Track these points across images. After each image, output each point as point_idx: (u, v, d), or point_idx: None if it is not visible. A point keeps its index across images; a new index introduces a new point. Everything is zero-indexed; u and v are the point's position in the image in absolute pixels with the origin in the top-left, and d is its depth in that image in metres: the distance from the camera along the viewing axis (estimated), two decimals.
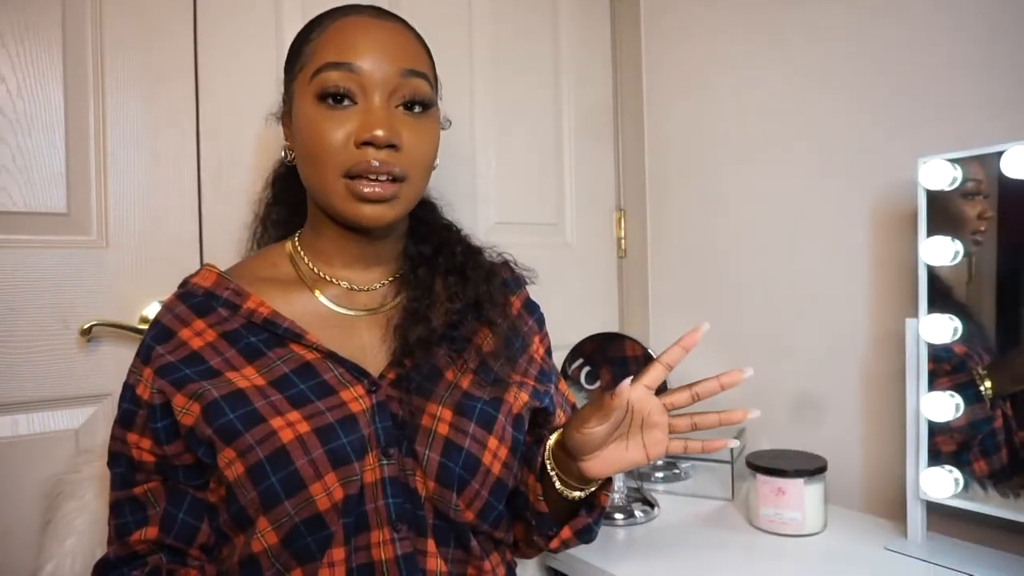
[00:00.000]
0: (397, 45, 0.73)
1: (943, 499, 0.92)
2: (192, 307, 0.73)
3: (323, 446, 0.66)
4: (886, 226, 1.10)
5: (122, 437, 0.71)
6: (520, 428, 0.76)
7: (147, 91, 1.00)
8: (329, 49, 0.71)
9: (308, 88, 0.71)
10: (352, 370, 0.71)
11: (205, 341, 0.71)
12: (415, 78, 0.72)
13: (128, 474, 0.71)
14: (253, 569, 0.67)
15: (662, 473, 1.24)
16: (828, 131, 1.17)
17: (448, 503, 0.70)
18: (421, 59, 0.75)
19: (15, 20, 0.91)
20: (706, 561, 0.94)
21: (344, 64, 0.70)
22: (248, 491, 0.65)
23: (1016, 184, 0.86)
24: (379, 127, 0.69)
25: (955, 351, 0.92)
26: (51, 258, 0.94)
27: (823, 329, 1.19)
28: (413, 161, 0.72)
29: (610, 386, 1.16)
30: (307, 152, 0.72)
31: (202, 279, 0.75)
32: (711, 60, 1.37)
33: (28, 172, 0.92)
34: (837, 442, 1.15)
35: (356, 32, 0.72)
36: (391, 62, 0.71)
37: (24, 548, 0.89)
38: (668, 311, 1.47)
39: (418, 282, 0.78)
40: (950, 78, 1.02)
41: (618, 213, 1.53)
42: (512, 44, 1.37)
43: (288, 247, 0.81)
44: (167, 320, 0.73)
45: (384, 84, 0.71)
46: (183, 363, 0.70)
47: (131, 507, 0.70)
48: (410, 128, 0.72)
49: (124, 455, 0.71)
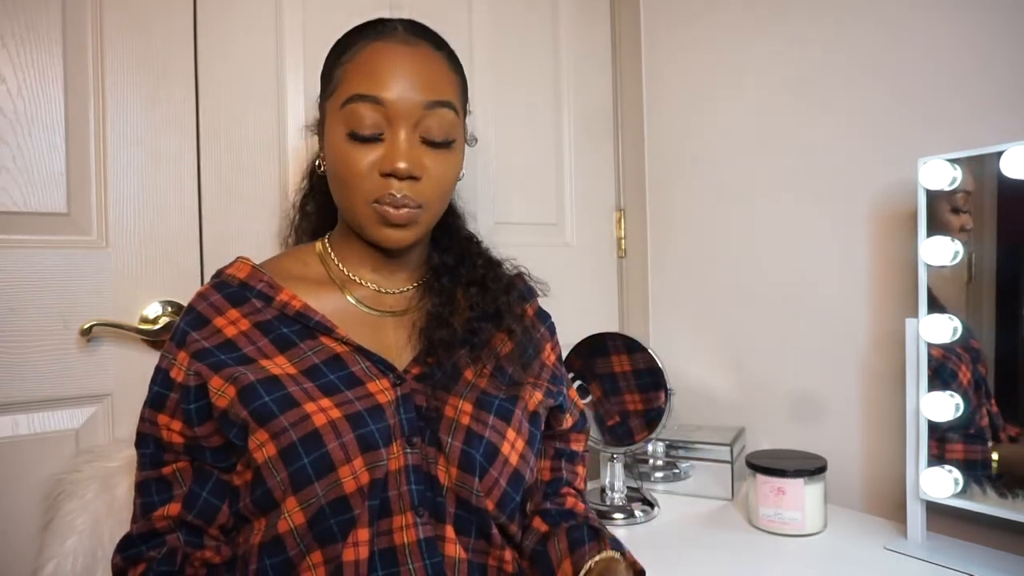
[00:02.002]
0: (424, 74, 0.76)
1: (943, 499, 0.92)
2: (226, 296, 0.76)
3: (353, 431, 0.69)
4: (886, 226, 1.10)
5: (152, 419, 0.73)
6: (536, 424, 0.81)
7: (147, 91, 1.00)
8: (359, 79, 0.74)
9: (338, 115, 0.75)
10: (379, 364, 0.75)
11: (239, 330, 0.74)
12: (440, 108, 0.76)
13: (157, 454, 0.73)
14: (277, 550, 0.69)
15: (662, 473, 1.24)
16: (828, 131, 1.17)
17: (470, 489, 0.72)
18: (448, 86, 0.78)
19: (15, 20, 0.91)
20: (706, 561, 0.94)
21: (371, 97, 0.73)
22: (279, 471, 0.67)
23: (1016, 184, 0.86)
24: (401, 160, 0.73)
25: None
26: (51, 258, 0.94)
27: (823, 329, 1.19)
28: (432, 190, 0.76)
29: (601, 401, 1.17)
30: (337, 177, 0.77)
31: (236, 270, 0.78)
32: (711, 60, 1.37)
33: (28, 172, 0.92)
34: (837, 442, 1.15)
35: (384, 62, 0.74)
36: (417, 93, 0.74)
37: (24, 548, 0.89)
38: (668, 311, 1.47)
39: (442, 290, 0.83)
40: (950, 79, 1.02)
41: (618, 213, 1.53)
42: (512, 44, 1.37)
43: (318, 247, 0.85)
44: (202, 307, 0.75)
45: (409, 116, 0.74)
46: (218, 349, 0.72)
47: (158, 486, 0.73)
48: (433, 159, 0.76)
49: (153, 436, 0.73)
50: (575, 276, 1.46)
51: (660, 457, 1.25)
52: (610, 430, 1.15)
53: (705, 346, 1.39)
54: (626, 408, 1.15)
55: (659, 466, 1.25)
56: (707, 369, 1.38)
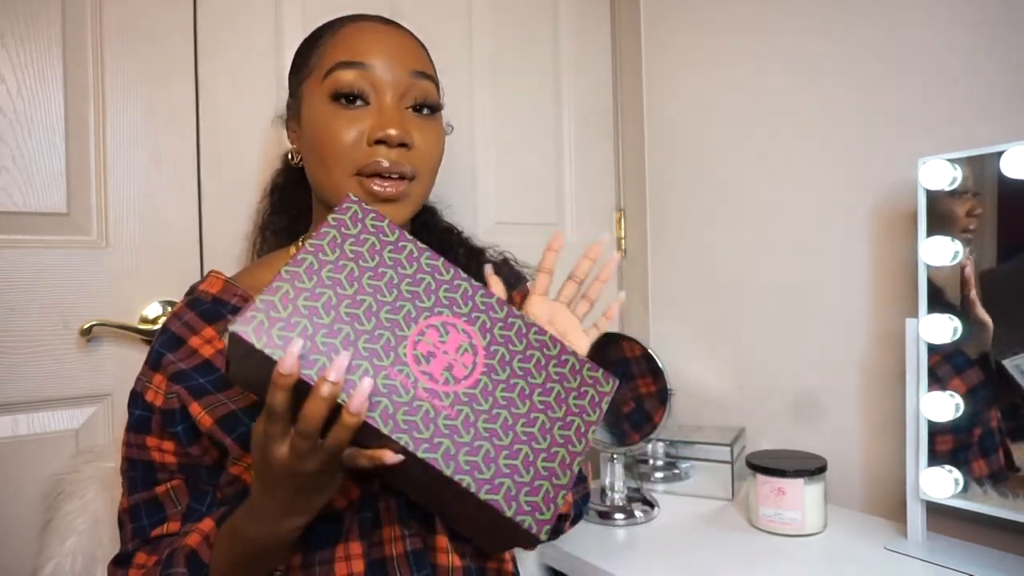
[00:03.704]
0: (406, 48, 0.75)
1: (943, 499, 0.92)
2: (200, 314, 0.74)
3: None
4: (886, 226, 1.10)
5: (139, 443, 0.71)
6: None
7: (147, 91, 1.00)
8: (342, 49, 0.73)
9: (320, 87, 0.73)
10: None
11: (215, 348, 0.71)
12: (424, 80, 0.75)
13: (149, 475, 0.71)
14: None
15: (662, 473, 1.24)
16: (828, 131, 1.17)
17: None
18: (428, 63, 0.78)
19: (15, 20, 0.91)
20: (706, 561, 0.94)
21: (357, 63, 0.71)
22: None
23: (1016, 184, 0.86)
24: (392, 126, 0.70)
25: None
26: (51, 258, 0.94)
27: (823, 329, 1.19)
28: (423, 159, 0.74)
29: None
30: (317, 151, 0.73)
31: (209, 286, 0.76)
32: (711, 61, 1.37)
33: (28, 172, 0.92)
34: (837, 442, 1.15)
35: (367, 35, 0.74)
36: (402, 63, 0.73)
37: (24, 548, 0.89)
38: (668, 311, 1.47)
39: None
40: (950, 78, 1.02)
41: (618, 213, 1.53)
42: (512, 44, 1.37)
43: (292, 252, 0.82)
44: (176, 328, 0.73)
45: (396, 85, 0.73)
46: (196, 372, 0.70)
47: (148, 509, 0.70)
48: (420, 128, 0.74)
49: (142, 460, 0.71)
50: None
51: (660, 457, 1.25)
52: (627, 417, 1.15)
53: (705, 346, 1.39)
54: (639, 392, 1.14)
55: (659, 466, 1.25)
56: (707, 369, 1.37)
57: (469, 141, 1.32)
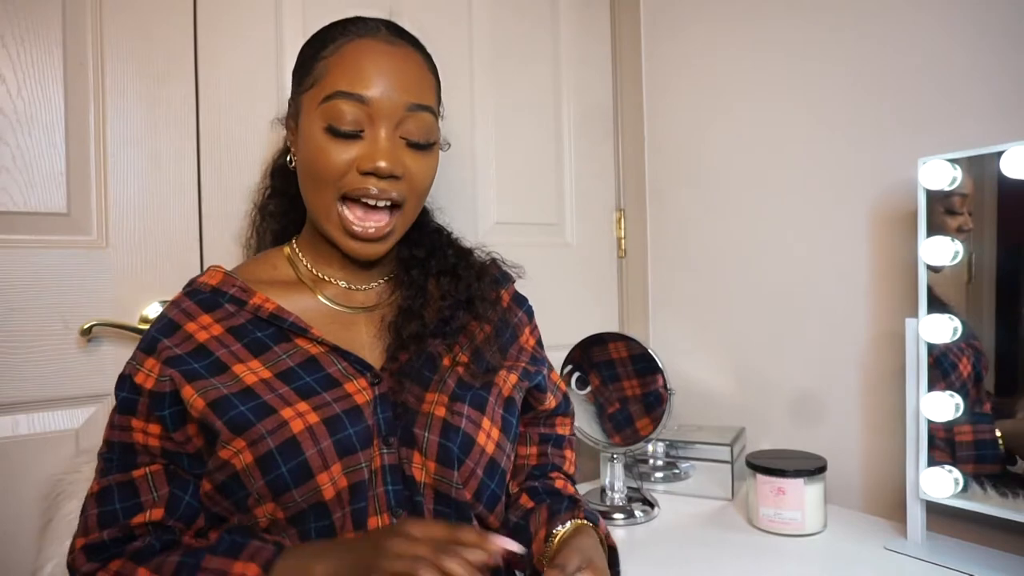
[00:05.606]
0: (407, 75, 0.76)
1: (943, 499, 0.92)
2: (199, 303, 0.76)
3: (331, 436, 0.68)
4: (886, 226, 1.10)
5: (123, 424, 0.71)
6: (511, 410, 0.81)
7: (147, 91, 1.00)
8: (340, 75, 0.74)
9: (317, 111, 0.74)
10: (355, 363, 0.75)
11: (211, 335, 0.73)
12: (421, 112, 0.76)
13: (127, 458, 0.71)
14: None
15: (662, 473, 1.24)
16: (828, 131, 1.17)
17: (449, 481, 0.72)
18: (428, 90, 0.78)
19: (15, 20, 0.91)
20: (706, 561, 0.94)
21: (355, 95, 0.73)
22: (256, 480, 0.67)
23: (1016, 184, 0.86)
24: (383, 159, 0.73)
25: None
26: (51, 258, 0.94)
27: (823, 329, 1.19)
28: (412, 188, 0.77)
29: (599, 389, 1.17)
30: (309, 171, 0.76)
31: (209, 278, 0.78)
32: (711, 60, 1.37)
33: (28, 172, 0.92)
34: (837, 442, 1.15)
35: (368, 59, 0.74)
36: (400, 94, 0.74)
37: (24, 548, 0.89)
38: (668, 311, 1.47)
39: (412, 282, 0.82)
40: (950, 79, 1.02)
41: (618, 213, 1.53)
42: (512, 44, 1.37)
43: (286, 250, 0.85)
44: (173, 314, 0.75)
45: (391, 116, 0.74)
46: (190, 356, 0.71)
47: (121, 492, 0.70)
48: (413, 158, 0.76)
49: (123, 442, 0.71)
50: (575, 276, 1.46)
51: (660, 457, 1.25)
52: (610, 417, 1.15)
53: (705, 346, 1.39)
54: (625, 395, 1.15)
55: (659, 466, 1.25)
56: (707, 369, 1.37)
57: (469, 140, 1.32)
